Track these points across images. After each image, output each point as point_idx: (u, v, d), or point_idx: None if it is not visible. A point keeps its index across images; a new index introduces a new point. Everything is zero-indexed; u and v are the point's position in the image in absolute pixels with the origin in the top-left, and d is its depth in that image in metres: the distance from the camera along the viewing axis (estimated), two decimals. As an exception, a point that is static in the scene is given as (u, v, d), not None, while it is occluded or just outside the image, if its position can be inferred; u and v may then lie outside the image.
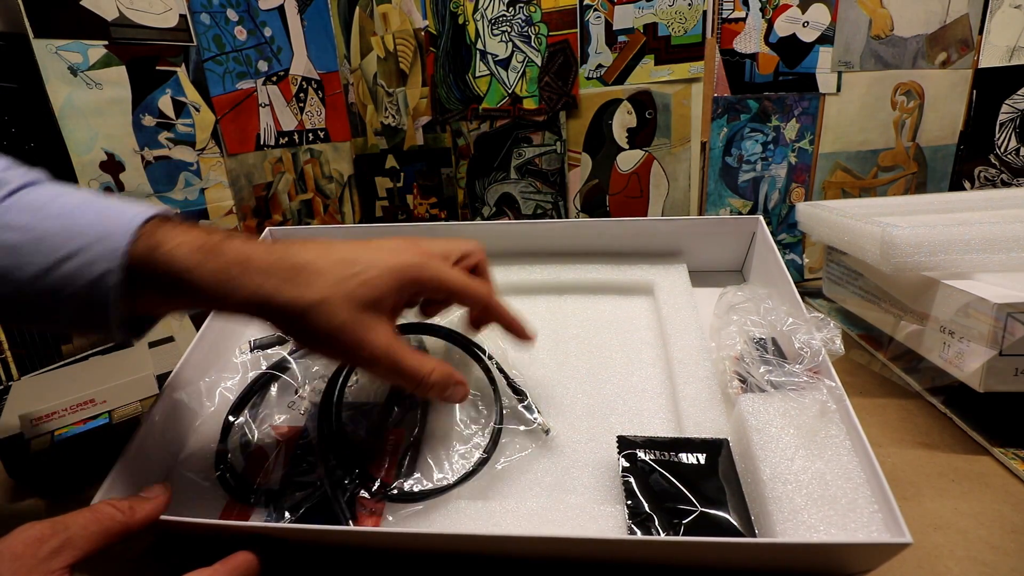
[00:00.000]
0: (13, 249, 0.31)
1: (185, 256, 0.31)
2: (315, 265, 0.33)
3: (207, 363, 0.49)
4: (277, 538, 0.36)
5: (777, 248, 0.54)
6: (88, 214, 0.32)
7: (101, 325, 0.32)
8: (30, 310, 0.32)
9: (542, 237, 0.60)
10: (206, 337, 0.48)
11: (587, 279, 0.58)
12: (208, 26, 0.73)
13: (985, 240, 0.46)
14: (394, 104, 0.85)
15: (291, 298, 0.31)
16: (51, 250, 0.31)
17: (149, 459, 0.41)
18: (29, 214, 0.32)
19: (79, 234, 0.31)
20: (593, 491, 0.39)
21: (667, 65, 0.73)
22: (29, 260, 0.31)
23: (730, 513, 0.34)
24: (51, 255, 0.31)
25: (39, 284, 0.31)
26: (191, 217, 0.74)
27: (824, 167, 0.77)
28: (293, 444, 0.43)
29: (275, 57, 0.81)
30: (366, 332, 0.33)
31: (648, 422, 0.44)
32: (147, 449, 0.41)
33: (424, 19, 0.79)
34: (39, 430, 0.48)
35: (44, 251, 0.31)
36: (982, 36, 0.71)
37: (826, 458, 0.36)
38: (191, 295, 0.32)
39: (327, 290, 0.32)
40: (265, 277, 0.32)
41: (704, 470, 0.37)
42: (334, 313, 0.32)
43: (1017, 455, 0.43)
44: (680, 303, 0.53)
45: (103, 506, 0.32)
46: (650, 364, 0.49)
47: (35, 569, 0.27)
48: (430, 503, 0.38)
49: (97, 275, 0.31)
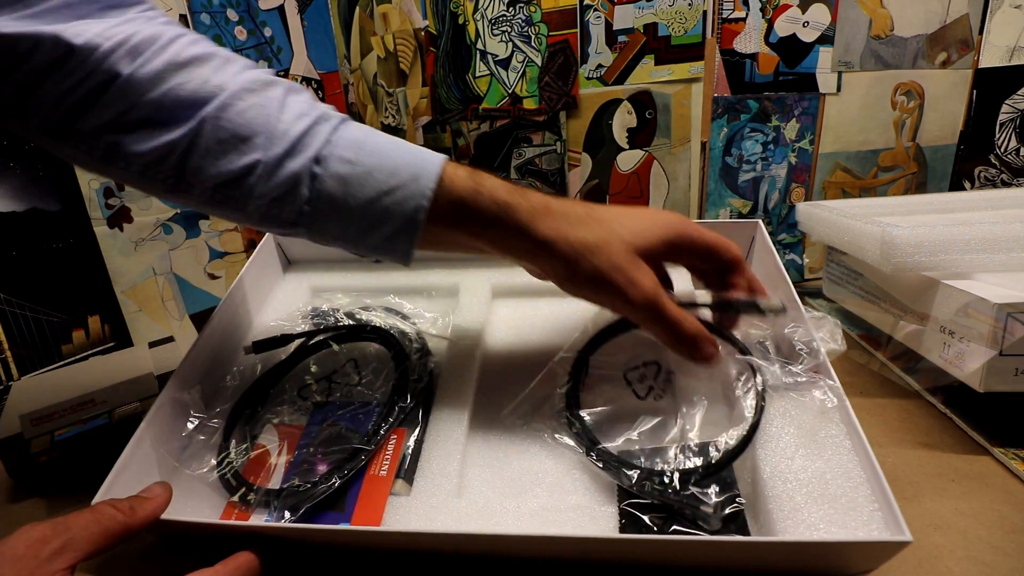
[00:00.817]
0: (344, 180, 0.36)
1: (504, 197, 0.36)
2: (599, 214, 0.38)
3: (208, 363, 0.49)
4: (278, 538, 0.36)
5: (777, 248, 0.54)
6: (401, 154, 0.37)
7: (403, 251, 0.38)
8: (350, 232, 0.37)
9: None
10: (207, 338, 0.48)
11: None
12: (208, 26, 0.73)
13: (985, 240, 0.47)
14: (394, 104, 0.85)
15: (580, 237, 0.36)
16: (375, 184, 0.36)
17: (149, 459, 0.41)
18: (354, 149, 0.36)
19: (395, 173, 0.36)
20: (593, 491, 0.39)
21: (667, 65, 0.73)
22: (357, 192, 0.36)
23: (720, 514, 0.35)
24: (375, 188, 0.36)
25: (362, 212, 0.36)
26: (191, 217, 0.74)
27: (824, 167, 0.77)
28: (295, 444, 0.43)
29: (275, 57, 0.81)
30: (637, 273, 0.36)
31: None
32: (147, 449, 0.41)
33: (424, 19, 0.79)
34: (39, 430, 0.48)
35: (369, 184, 0.36)
36: (982, 36, 0.71)
37: (826, 457, 0.36)
38: (496, 229, 0.37)
39: (609, 234, 0.36)
40: (562, 220, 0.37)
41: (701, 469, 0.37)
42: (614, 252, 0.36)
43: (1017, 455, 0.43)
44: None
45: (104, 506, 0.32)
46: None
47: (36, 570, 0.27)
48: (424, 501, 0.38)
49: (410, 207, 0.36)
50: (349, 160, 0.36)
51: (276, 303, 0.58)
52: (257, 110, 0.36)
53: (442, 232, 0.37)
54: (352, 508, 0.39)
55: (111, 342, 0.69)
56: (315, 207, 0.36)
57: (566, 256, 0.36)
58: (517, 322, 0.54)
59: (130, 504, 0.33)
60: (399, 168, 0.36)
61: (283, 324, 0.53)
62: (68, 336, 0.65)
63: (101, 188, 0.66)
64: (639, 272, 0.36)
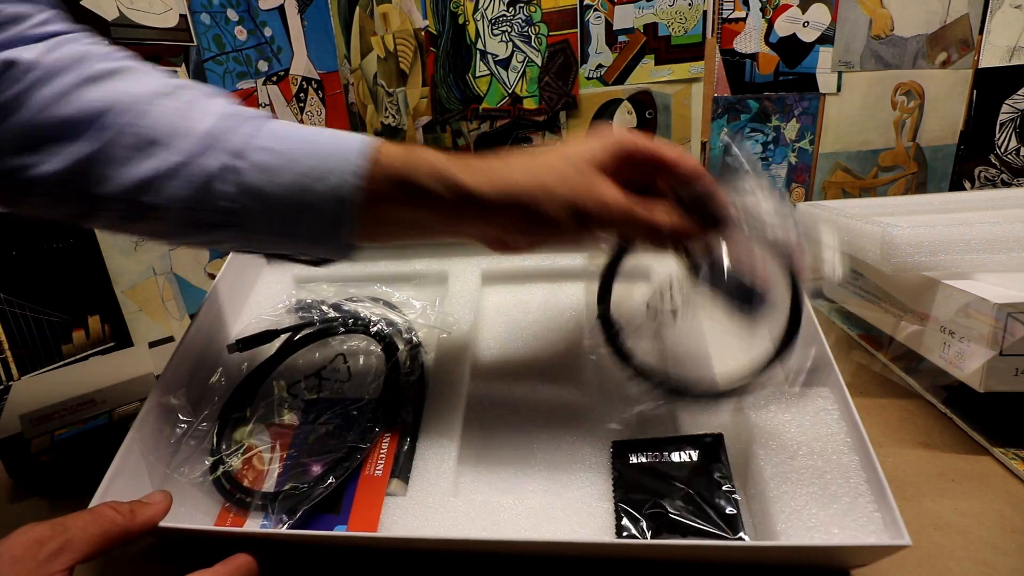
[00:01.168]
0: (268, 169, 0.34)
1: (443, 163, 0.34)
2: (544, 155, 0.36)
3: (194, 365, 0.49)
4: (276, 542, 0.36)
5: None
6: (329, 138, 0.35)
7: (340, 239, 0.35)
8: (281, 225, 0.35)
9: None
10: (192, 339, 0.48)
11: (583, 267, 0.57)
12: (208, 26, 0.73)
13: (985, 240, 0.46)
14: (394, 104, 0.85)
15: (531, 178, 0.34)
16: (301, 169, 0.34)
17: (140, 467, 0.41)
18: (276, 139, 0.35)
19: (322, 156, 0.34)
20: (591, 487, 0.39)
21: (667, 65, 0.73)
22: (283, 179, 0.34)
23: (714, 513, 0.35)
24: (301, 173, 0.34)
25: (291, 201, 0.34)
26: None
27: (824, 167, 0.77)
28: (288, 444, 0.43)
29: (275, 57, 0.81)
30: (600, 189, 0.35)
31: (647, 419, 0.44)
32: (137, 457, 0.41)
33: (424, 19, 0.79)
34: (39, 430, 0.48)
35: (295, 169, 0.34)
36: (982, 36, 0.71)
37: (827, 457, 0.36)
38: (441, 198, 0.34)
39: (557, 164, 0.35)
40: (506, 170, 0.35)
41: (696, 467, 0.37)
42: (570, 178, 0.35)
43: (1017, 455, 0.43)
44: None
45: (104, 508, 0.32)
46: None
47: (35, 571, 0.27)
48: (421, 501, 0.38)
49: (337, 185, 0.34)
50: (271, 149, 0.34)
51: (259, 296, 0.57)
52: (169, 112, 0.34)
53: (383, 212, 0.35)
54: (348, 510, 0.38)
55: (111, 342, 0.69)
56: (240, 203, 0.34)
57: (522, 202, 0.34)
58: (508, 309, 0.54)
59: (130, 508, 0.33)
60: (326, 151, 0.34)
61: (267, 318, 0.52)
62: (68, 336, 0.65)
63: (101, 188, 0.66)
64: (602, 187, 0.35)
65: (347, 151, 0.34)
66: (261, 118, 0.36)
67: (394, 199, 0.35)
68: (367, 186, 0.34)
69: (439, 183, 0.34)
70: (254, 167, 0.34)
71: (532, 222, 0.35)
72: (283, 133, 0.35)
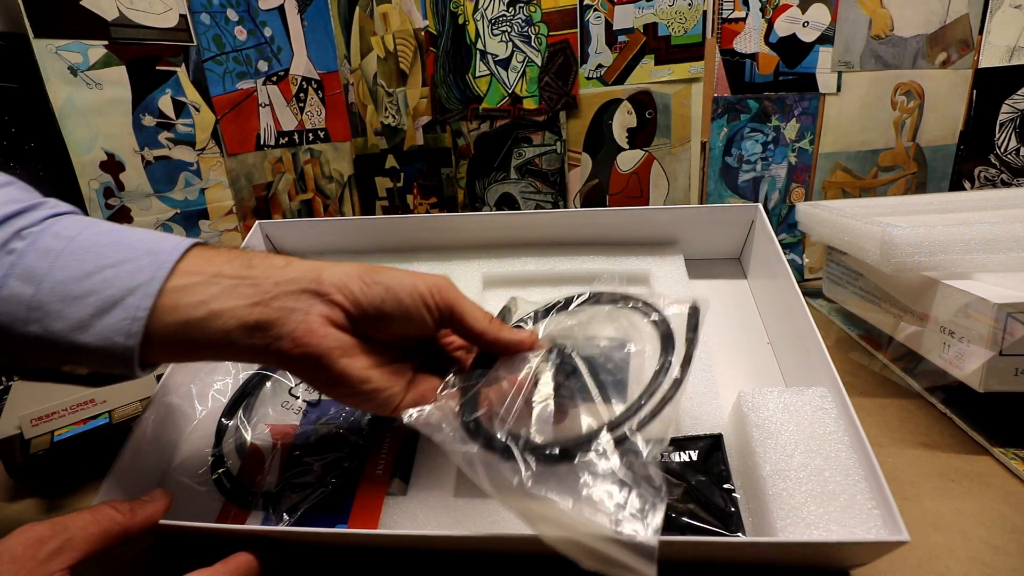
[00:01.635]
0: (55, 253, 0.30)
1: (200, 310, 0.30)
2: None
3: (198, 365, 0.49)
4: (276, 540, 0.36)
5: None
6: (137, 235, 0.32)
7: (120, 352, 0.30)
8: (47, 304, 0.29)
9: (538, 228, 0.60)
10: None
11: (582, 269, 0.57)
12: (208, 26, 0.73)
13: (985, 240, 0.46)
14: (394, 104, 0.85)
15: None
16: (94, 258, 0.30)
17: (143, 465, 0.41)
18: (78, 228, 0.31)
19: (127, 247, 0.31)
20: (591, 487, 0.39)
21: (667, 65, 0.73)
22: (70, 263, 0.29)
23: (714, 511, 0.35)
24: (92, 262, 0.30)
25: (67, 289, 0.29)
26: (191, 217, 0.74)
27: (824, 167, 0.77)
28: (289, 444, 0.43)
29: (275, 57, 0.81)
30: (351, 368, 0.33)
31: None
32: (141, 455, 0.41)
33: (424, 19, 0.79)
34: (39, 430, 0.48)
35: (86, 258, 0.30)
36: (982, 36, 0.71)
37: (825, 455, 0.36)
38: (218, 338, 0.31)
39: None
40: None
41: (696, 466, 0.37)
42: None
43: (1017, 455, 0.43)
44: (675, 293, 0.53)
45: (104, 507, 0.32)
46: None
47: (35, 571, 0.27)
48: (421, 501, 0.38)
49: (137, 283, 0.30)
50: (68, 237, 0.30)
51: None
52: None
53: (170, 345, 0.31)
54: (349, 509, 0.38)
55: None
56: (4, 284, 0.29)
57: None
58: None
59: (130, 506, 0.33)
60: (134, 244, 0.31)
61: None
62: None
63: (101, 188, 0.66)
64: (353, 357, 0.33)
65: (160, 249, 0.31)
66: (64, 208, 0.33)
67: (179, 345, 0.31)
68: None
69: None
70: (38, 251, 0.29)
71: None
72: (90, 222, 0.32)
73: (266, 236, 0.61)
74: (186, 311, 0.30)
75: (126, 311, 0.29)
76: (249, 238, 0.59)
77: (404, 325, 0.34)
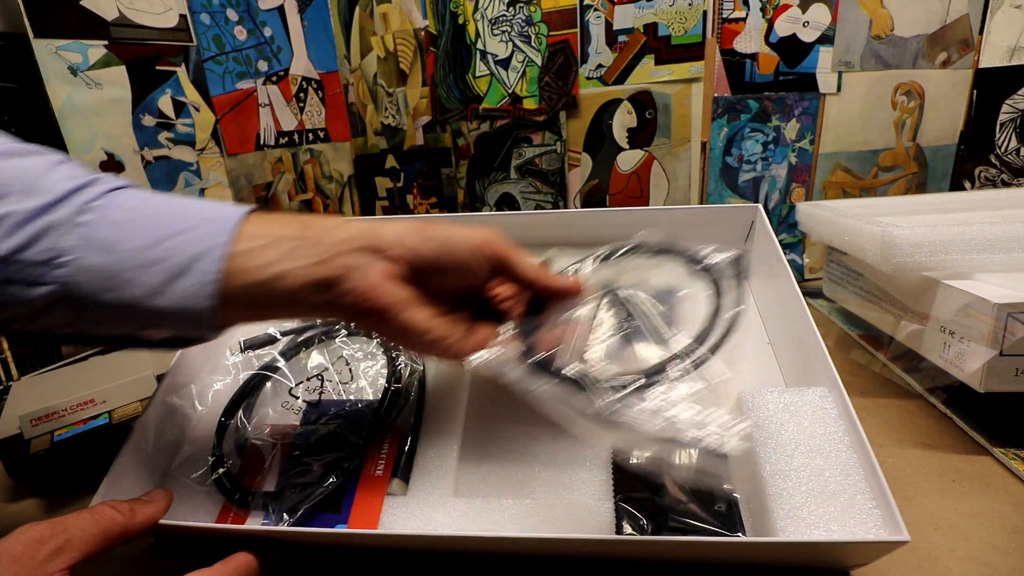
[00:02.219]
0: (120, 224, 0.31)
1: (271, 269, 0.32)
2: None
3: (198, 366, 0.49)
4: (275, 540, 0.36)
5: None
6: (196, 204, 0.33)
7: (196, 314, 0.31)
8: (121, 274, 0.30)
9: (538, 228, 0.60)
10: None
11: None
12: (208, 26, 0.73)
13: (985, 240, 0.46)
14: (394, 104, 0.85)
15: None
16: (159, 227, 0.31)
17: (143, 465, 0.41)
18: (138, 200, 0.32)
19: (188, 216, 0.32)
20: (592, 487, 0.39)
21: (667, 65, 0.73)
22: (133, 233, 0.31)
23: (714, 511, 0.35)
24: (158, 231, 0.31)
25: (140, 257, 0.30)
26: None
27: (824, 167, 0.77)
28: (289, 444, 0.43)
29: (275, 57, 0.81)
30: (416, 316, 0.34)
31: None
32: (141, 455, 0.41)
33: (424, 19, 0.79)
34: (39, 430, 0.48)
35: (151, 228, 0.31)
36: (982, 36, 0.71)
37: (825, 455, 0.36)
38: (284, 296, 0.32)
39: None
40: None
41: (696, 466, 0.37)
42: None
43: (1017, 455, 0.43)
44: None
45: (103, 508, 0.32)
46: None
47: (34, 571, 0.27)
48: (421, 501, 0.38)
49: (203, 249, 0.31)
50: (133, 208, 0.32)
51: None
52: (14, 170, 0.31)
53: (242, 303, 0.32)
54: (349, 509, 0.38)
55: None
56: (75, 258, 0.30)
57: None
58: None
59: (130, 506, 0.33)
60: (194, 213, 0.32)
61: (271, 322, 0.52)
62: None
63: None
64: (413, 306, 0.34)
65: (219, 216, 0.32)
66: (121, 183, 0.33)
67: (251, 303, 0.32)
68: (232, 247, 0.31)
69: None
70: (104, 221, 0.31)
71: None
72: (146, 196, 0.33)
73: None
74: (254, 273, 0.32)
75: (197, 275, 0.31)
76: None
77: (460, 276, 0.36)
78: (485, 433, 0.44)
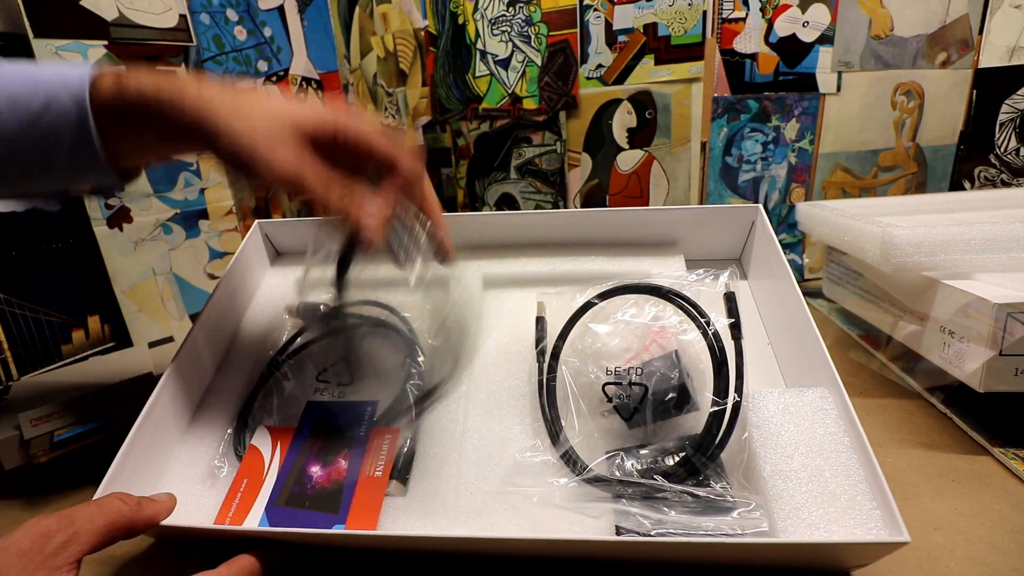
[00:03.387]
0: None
1: (150, 83, 0.35)
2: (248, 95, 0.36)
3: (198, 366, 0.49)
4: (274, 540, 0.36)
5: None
6: (44, 71, 0.36)
7: (92, 162, 0.35)
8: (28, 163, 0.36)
9: (538, 228, 0.60)
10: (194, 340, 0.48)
11: (582, 270, 0.57)
12: (208, 26, 0.73)
13: (985, 240, 0.46)
14: (394, 104, 0.85)
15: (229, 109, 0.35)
16: (24, 106, 0.35)
17: (142, 465, 0.41)
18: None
19: (45, 86, 0.35)
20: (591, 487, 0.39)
21: (667, 65, 0.73)
22: (8, 118, 0.34)
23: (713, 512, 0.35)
24: (25, 110, 0.34)
25: (25, 138, 0.35)
26: (191, 217, 0.73)
27: (824, 167, 0.77)
28: (289, 444, 0.43)
29: (275, 57, 0.81)
30: (280, 147, 0.35)
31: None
32: (140, 455, 0.40)
33: (424, 19, 0.79)
34: (39, 430, 0.48)
35: (20, 108, 0.34)
36: (982, 36, 0.71)
37: (825, 455, 0.36)
38: (159, 122, 0.35)
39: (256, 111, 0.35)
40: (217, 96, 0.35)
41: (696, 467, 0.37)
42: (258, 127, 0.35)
43: (1017, 455, 0.43)
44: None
45: (110, 499, 0.32)
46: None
47: (42, 565, 0.27)
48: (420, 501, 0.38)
49: (73, 115, 0.34)
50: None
51: (262, 298, 0.57)
52: None
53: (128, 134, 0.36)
54: (347, 509, 0.38)
55: (111, 342, 0.69)
56: None
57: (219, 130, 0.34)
58: (509, 313, 0.54)
59: (137, 500, 0.33)
60: (48, 81, 0.35)
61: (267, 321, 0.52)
62: (68, 336, 0.65)
63: (101, 188, 0.66)
64: (282, 146, 0.35)
65: (71, 78, 0.35)
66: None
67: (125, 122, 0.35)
68: (92, 104, 0.34)
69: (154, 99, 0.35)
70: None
71: (220, 150, 0.36)
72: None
73: (266, 236, 0.61)
74: (119, 89, 0.35)
75: (64, 98, 0.34)
76: (249, 238, 0.59)
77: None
78: (484, 433, 0.44)
